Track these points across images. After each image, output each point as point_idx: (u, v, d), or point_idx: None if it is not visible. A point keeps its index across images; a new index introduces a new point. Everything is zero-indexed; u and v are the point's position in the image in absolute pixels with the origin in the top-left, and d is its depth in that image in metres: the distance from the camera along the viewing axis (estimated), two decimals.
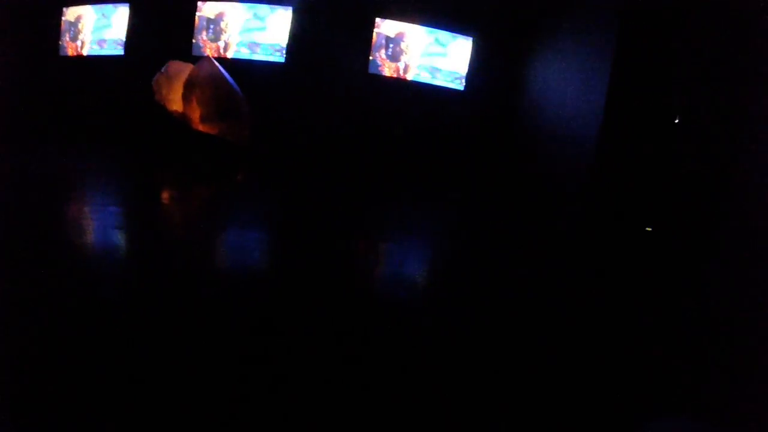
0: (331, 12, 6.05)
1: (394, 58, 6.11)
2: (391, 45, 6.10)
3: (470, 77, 6.11)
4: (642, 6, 4.17)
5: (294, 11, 5.99)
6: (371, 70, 6.11)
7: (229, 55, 6.05)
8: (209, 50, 6.01)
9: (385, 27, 6.10)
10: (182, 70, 5.30)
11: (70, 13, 6.50)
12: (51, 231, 2.75)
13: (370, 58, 6.10)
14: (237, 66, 5.77)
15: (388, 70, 6.13)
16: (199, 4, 5.99)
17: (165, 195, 4.13)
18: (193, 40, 6.07)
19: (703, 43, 3.75)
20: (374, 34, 6.07)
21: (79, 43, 6.46)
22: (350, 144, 5.94)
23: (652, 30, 4.11)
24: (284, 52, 6.04)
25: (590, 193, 4.32)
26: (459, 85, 6.16)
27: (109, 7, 6.31)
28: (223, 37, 6.05)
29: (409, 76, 6.13)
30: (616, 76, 4.22)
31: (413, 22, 6.08)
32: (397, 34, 6.11)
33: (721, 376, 2.17)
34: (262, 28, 6.06)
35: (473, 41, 6.13)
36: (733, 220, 3.14)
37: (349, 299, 2.32)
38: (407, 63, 6.12)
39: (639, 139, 4.15)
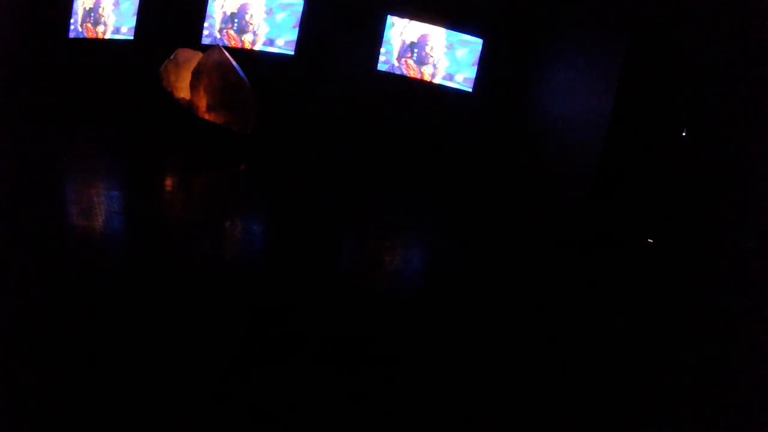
0: (342, 6, 6.02)
1: (420, 62, 6.11)
2: (415, 49, 6.08)
3: (479, 79, 6.07)
4: (651, 16, 4.14)
5: (305, 4, 5.96)
6: (387, 70, 6.10)
7: (255, 47, 6.05)
8: (233, 42, 6.01)
9: (407, 32, 6.07)
10: (191, 58, 5.28)
11: None
12: (52, 213, 2.76)
13: (396, 64, 6.09)
14: (252, 57, 5.78)
15: (412, 72, 6.13)
16: None
17: (167, 181, 4.13)
18: (215, 33, 6.07)
19: (713, 53, 3.72)
20: (399, 41, 6.07)
21: (100, 27, 6.47)
22: (355, 139, 5.92)
23: (661, 39, 4.08)
24: (294, 45, 6.03)
25: (592, 202, 4.29)
26: (468, 87, 6.12)
27: None
28: (250, 29, 6.05)
29: (436, 80, 6.13)
30: (624, 83, 4.21)
31: (424, 21, 6.05)
32: (420, 38, 6.08)
33: (721, 382, 2.14)
34: (275, 20, 6.06)
35: (483, 43, 6.08)
36: (736, 233, 3.10)
37: (342, 294, 2.30)
38: (434, 66, 6.12)
39: (644, 150, 4.13)
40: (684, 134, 3.98)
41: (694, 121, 3.92)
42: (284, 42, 6.06)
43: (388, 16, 6.05)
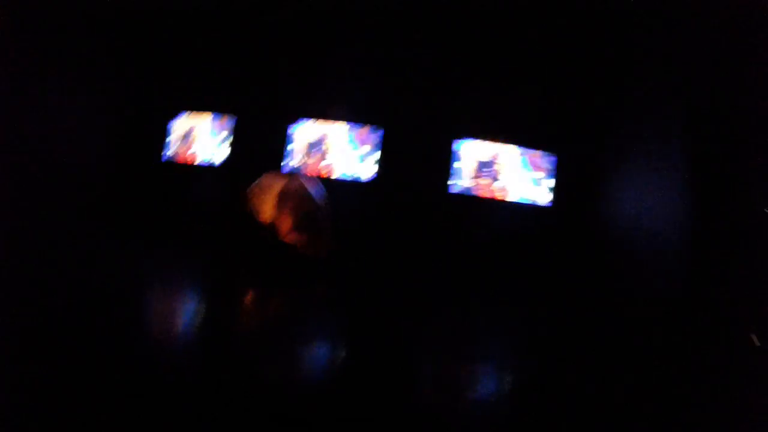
0: (416, 133, 6.33)
1: (491, 178, 6.17)
2: (484, 168, 6.19)
3: (555, 193, 5.98)
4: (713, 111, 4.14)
5: (382, 134, 6.33)
6: (461, 191, 6.18)
7: (332, 175, 6.43)
8: (310, 170, 6.39)
9: (479, 152, 6.24)
10: (274, 183, 5.56)
11: (184, 123, 7.22)
12: (131, 322, 2.91)
13: (463, 182, 6.20)
14: (333, 184, 6.07)
15: (483, 191, 6.16)
16: (299, 122, 6.54)
17: (245, 299, 4.15)
18: (296, 161, 6.50)
19: None
20: (471, 160, 6.22)
21: (190, 151, 7.11)
22: (431, 263, 5.82)
23: (725, 134, 4.02)
24: (371, 171, 6.32)
25: (687, 307, 3.92)
26: (544, 202, 6.03)
27: (214, 119, 7.00)
28: (327, 157, 6.44)
29: (507, 197, 6.12)
30: (694, 175, 4.26)
31: (495, 141, 6.19)
32: (492, 157, 6.22)
33: None
34: (356, 149, 6.44)
35: (555, 160, 6.09)
36: None
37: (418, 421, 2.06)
38: (504, 183, 6.15)
39: (731, 245, 3.90)
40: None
41: None
42: (361, 169, 6.37)
43: (459, 138, 6.26)
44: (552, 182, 6.06)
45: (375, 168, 6.31)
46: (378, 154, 6.32)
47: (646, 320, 4.37)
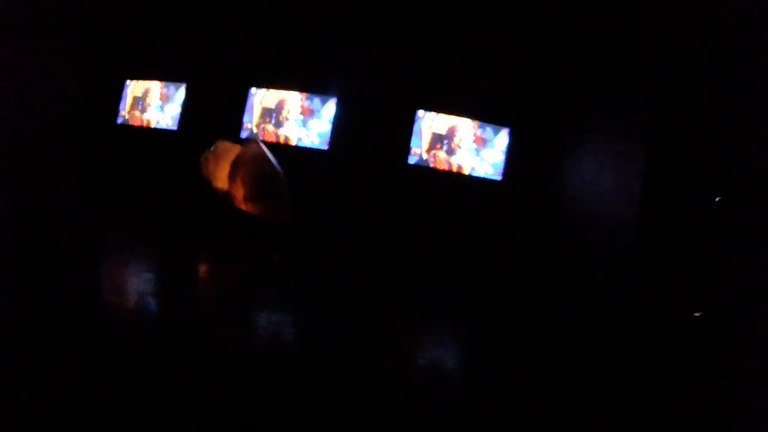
0: (373, 103, 6.32)
1: (450, 153, 6.27)
2: (445, 141, 6.27)
3: (508, 167, 6.15)
4: (676, 91, 4.21)
5: (337, 101, 6.30)
6: (417, 163, 6.28)
7: (290, 142, 6.40)
8: (269, 136, 6.36)
9: (436, 124, 6.31)
10: (229, 150, 5.52)
11: (137, 87, 7.01)
12: (84, 289, 2.87)
13: (426, 156, 6.28)
14: (287, 151, 6.04)
15: (441, 164, 6.27)
16: (256, 90, 6.42)
17: (199, 266, 4.18)
18: (253, 127, 6.42)
19: (739, 120, 3.74)
20: (430, 133, 6.29)
21: (144, 115, 6.93)
22: (386, 232, 5.96)
23: (686, 110, 4.13)
24: (328, 140, 6.32)
25: (632, 281, 4.14)
26: (497, 175, 6.21)
27: (171, 85, 6.82)
28: (285, 125, 6.40)
29: (465, 170, 6.25)
30: (652, 158, 4.24)
31: (452, 114, 6.26)
32: (449, 130, 6.30)
33: None
34: (312, 117, 6.40)
35: (509, 131, 6.22)
36: None
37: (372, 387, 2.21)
38: (461, 157, 6.27)
39: (679, 222, 4.07)
40: (717, 199, 3.96)
41: (726, 187, 3.89)
42: (318, 137, 6.36)
43: (417, 110, 6.31)
44: (503, 157, 6.21)
45: (331, 137, 6.31)
46: (335, 123, 6.31)
47: (593, 298, 4.58)
